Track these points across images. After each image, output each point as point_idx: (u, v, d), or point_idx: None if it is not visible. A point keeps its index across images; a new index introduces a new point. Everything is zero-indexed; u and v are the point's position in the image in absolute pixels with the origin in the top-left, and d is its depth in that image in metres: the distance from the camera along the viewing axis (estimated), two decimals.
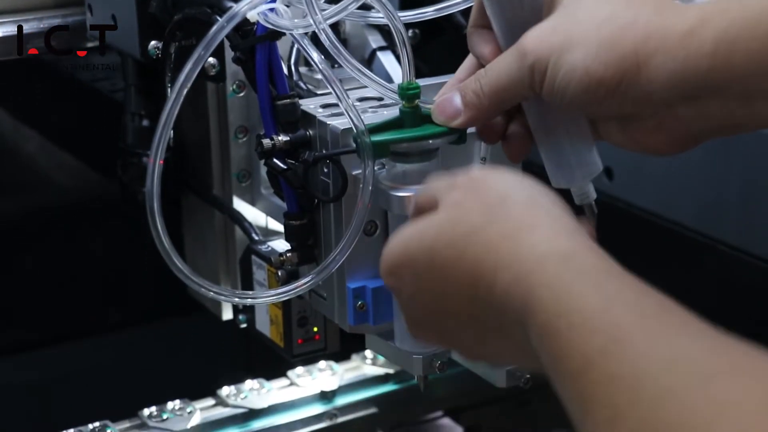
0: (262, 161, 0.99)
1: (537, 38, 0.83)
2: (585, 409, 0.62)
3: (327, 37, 0.92)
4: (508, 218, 0.72)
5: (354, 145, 0.93)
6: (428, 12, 0.98)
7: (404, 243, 0.77)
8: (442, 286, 0.74)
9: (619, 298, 0.65)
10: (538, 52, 0.82)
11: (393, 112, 0.94)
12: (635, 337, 0.62)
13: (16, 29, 1.14)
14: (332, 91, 0.92)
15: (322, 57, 0.93)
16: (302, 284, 0.96)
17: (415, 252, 0.76)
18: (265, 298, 1.00)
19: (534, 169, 0.92)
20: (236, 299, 1.02)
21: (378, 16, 0.95)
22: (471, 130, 0.95)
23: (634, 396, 0.60)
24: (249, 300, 1.01)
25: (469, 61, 0.92)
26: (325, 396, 1.25)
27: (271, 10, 0.93)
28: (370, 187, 0.92)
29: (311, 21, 0.91)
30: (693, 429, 0.57)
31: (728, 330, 0.64)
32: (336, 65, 1.09)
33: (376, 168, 0.95)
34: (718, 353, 0.60)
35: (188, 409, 1.20)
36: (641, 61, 0.79)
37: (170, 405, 1.21)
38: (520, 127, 0.91)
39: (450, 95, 0.89)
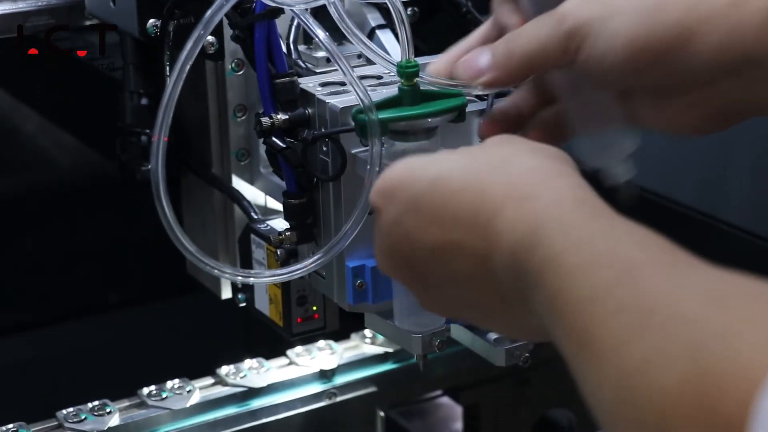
0: (261, 140, 0.99)
1: (576, 4, 0.81)
2: (585, 341, 0.62)
3: (336, 11, 0.91)
4: (527, 161, 0.73)
5: (353, 123, 0.93)
6: None
7: (410, 164, 0.77)
8: (437, 213, 0.73)
9: (629, 238, 0.65)
10: (577, 17, 0.80)
11: (392, 91, 0.94)
12: (645, 271, 0.62)
13: (14, 7, 1.14)
14: (338, 67, 0.91)
15: (327, 33, 0.93)
16: (310, 263, 0.95)
17: (420, 174, 0.75)
18: (271, 277, 0.99)
19: None
20: (240, 278, 1.00)
21: None
22: (470, 108, 0.95)
23: (645, 322, 0.59)
24: (252, 279, 1.01)
25: (483, 29, 0.91)
26: (325, 375, 1.25)
27: None
28: (377, 168, 0.91)
29: None
30: (710, 348, 0.56)
31: None
32: (336, 43, 1.09)
33: None
34: (728, 281, 0.60)
35: (187, 388, 1.20)
36: (686, 31, 0.77)
37: (169, 384, 1.21)
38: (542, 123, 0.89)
39: (478, 52, 0.87)
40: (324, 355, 1.27)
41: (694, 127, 0.83)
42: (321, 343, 1.27)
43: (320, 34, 0.93)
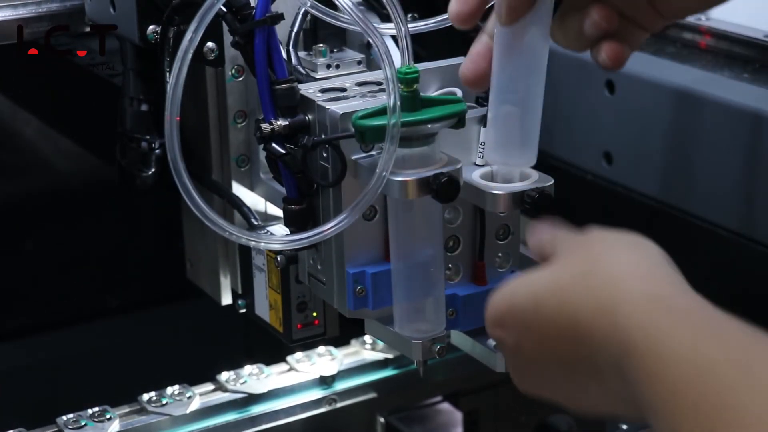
0: (261, 146, 0.99)
1: None
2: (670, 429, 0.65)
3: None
4: (608, 267, 0.75)
5: (353, 129, 0.93)
6: None
7: (511, 292, 0.80)
8: (545, 332, 0.77)
9: (706, 332, 0.68)
10: None
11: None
12: (719, 369, 0.64)
13: (14, 14, 1.14)
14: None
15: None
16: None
17: (521, 301, 0.79)
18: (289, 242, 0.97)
19: (551, 161, 0.91)
20: (262, 243, 1.00)
21: None
22: (470, 115, 0.95)
23: (717, 422, 0.62)
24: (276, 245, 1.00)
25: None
26: (325, 381, 1.25)
27: None
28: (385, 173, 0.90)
29: None
30: None
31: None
32: (336, 50, 1.09)
33: (374, 153, 0.95)
34: None
35: (187, 394, 1.20)
36: None
37: (169, 390, 1.21)
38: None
39: None
40: (324, 361, 1.27)
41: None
42: (321, 349, 1.27)
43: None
